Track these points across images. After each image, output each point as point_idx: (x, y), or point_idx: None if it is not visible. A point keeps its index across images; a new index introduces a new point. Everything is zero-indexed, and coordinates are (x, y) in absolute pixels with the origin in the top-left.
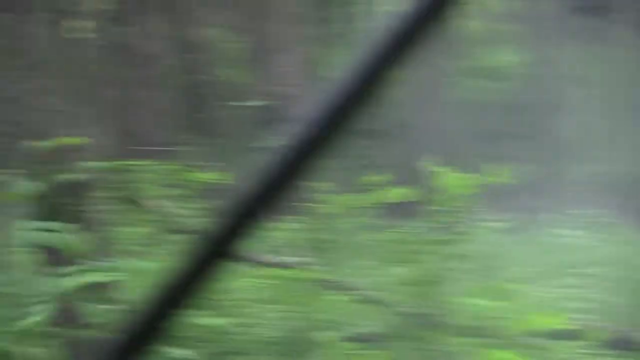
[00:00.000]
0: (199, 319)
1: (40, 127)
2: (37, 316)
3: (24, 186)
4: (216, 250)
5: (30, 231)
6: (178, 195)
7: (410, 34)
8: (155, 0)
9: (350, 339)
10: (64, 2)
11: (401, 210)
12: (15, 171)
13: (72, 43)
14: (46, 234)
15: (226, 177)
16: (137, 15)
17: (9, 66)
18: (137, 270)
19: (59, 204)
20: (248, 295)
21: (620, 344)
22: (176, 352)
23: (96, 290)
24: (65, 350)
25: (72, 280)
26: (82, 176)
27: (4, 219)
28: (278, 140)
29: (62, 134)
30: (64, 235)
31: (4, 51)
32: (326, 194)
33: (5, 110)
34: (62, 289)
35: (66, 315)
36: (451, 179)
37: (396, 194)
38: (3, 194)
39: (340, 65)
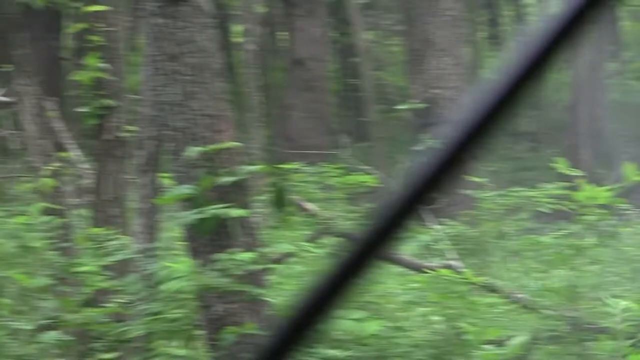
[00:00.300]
0: (350, 321)
1: (200, 131)
2: (192, 312)
3: (185, 189)
4: (368, 252)
5: (187, 229)
6: (333, 198)
7: (566, 35)
8: (313, 4)
9: (502, 343)
10: (225, 8)
11: (554, 212)
12: (176, 174)
13: (232, 47)
14: (202, 231)
15: (380, 179)
16: (295, 20)
17: (171, 71)
18: (289, 270)
19: (218, 206)
20: (400, 297)
21: None
22: (329, 354)
23: (248, 289)
24: (214, 350)
25: (224, 276)
26: (240, 179)
27: (165, 220)
28: (432, 142)
29: (221, 138)
30: (221, 232)
31: (167, 56)
32: (479, 196)
33: (168, 115)
34: (213, 284)
35: (216, 312)
36: (602, 183)
37: (548, 196)
38: (164, 197)
39: (496, 66)
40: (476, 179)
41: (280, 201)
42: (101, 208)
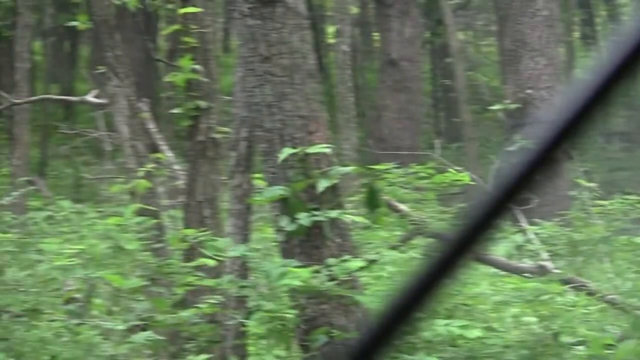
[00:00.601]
0: (440, 322)
1: (293, 132)
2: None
3: (277, 190)
4: (460, 253)
5: (280, 229)
6: (424, 198)
7: None
8: (406, 5)
9: (594, 344)
10: (318, 9)
11: None
12: (268, 175)
13: (326, 48)
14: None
15: (472, 179)
16: (388, 20)
17: (264, 72)
18: (381, 271)
19: (309, 207)
20: (492, 298)
21: None
22: (418, 356)
23: (345, 292)
24: (305, 350)
25: (313, 279)
26: (332, 180)
27: (257, 220)
28: (525, 143)
29: (314, 139)
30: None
31: (260, 58)
32: (570, 197)
33: (261, 116)
34: (317, 287)
35: (308, 313)
36: None
37: None
38: (257, 198)
39: (589, 66)
40: (568, 180)
41: (372, 202)
42: (194, 209)
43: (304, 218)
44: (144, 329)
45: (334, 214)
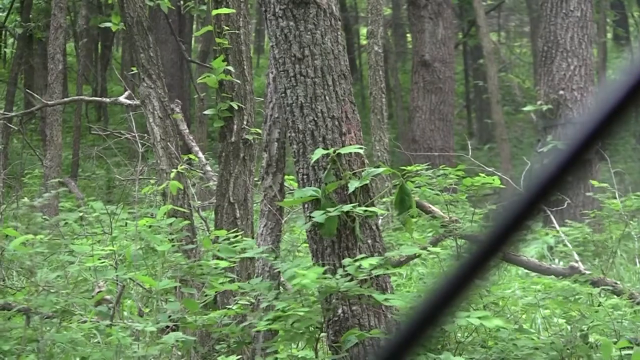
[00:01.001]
0: (472, 322)
1: (325, 133)
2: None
3: (309, 191)
4: (491, 254)
5: (310, 230)
6: (456, 200)
7: None
8: (439, 6)
9: (626, 344)
10: (352, 10)
11: None
12: (300, 176)
13: (358, 49)
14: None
15: (504, 181)
16: (421, 22)
17: (296, 73)
18: (412, 272)
19: (342, 207)
20: (521, 299)
21: None
22: (444, 356)
23: (372, 292)
24: (336, 351)
25: (349, 280)
26: (364, 181)
27: (289, 221)
28: (557, 144)
29: (346, 140)
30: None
31: (292, 59)
32: (601, 197)
33: (293, 117)
34: (339, 288)
35: (338, 314)
36: None
37: None
38: (289, 199)
39: (622, 67)
40: (597, 180)
41: (403, 203)
42: (226, 210)
43: (325, 213)
44: (174, 330)
45: (359, 210)
